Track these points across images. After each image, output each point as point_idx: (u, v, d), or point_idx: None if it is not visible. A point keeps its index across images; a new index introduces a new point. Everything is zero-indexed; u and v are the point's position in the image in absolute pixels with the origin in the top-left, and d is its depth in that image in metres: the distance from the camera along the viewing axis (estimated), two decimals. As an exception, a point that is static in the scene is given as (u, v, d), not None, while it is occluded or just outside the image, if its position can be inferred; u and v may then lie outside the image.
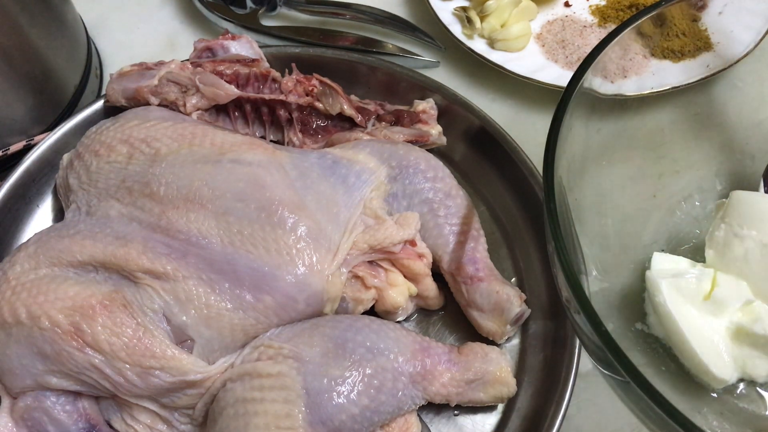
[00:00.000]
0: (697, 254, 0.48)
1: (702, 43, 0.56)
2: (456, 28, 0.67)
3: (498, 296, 0.50)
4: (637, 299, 0.47)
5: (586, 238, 0.44)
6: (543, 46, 0.68)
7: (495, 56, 0.65)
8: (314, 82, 0.58)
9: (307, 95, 0.57)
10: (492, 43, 0.67)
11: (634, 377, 0.32)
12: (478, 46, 0.66)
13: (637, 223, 0.50)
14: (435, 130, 0.58)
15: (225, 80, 0.56)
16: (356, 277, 0.50)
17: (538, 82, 0.63)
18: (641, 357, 0.45)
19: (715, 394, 0.44)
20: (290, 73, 0.59)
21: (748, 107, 0.52)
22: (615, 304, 0.47)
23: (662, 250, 0.49)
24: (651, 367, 0.45)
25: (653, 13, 0.45)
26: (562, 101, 0.40)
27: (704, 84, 0.53)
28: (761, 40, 0.53)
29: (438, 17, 0.68)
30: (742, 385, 0.44)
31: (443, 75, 0.68)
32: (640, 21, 0.44)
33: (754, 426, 0.43)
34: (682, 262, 0.47)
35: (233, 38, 0.60)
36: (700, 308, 0.44)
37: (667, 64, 0.55)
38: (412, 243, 0.51)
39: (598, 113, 0.46)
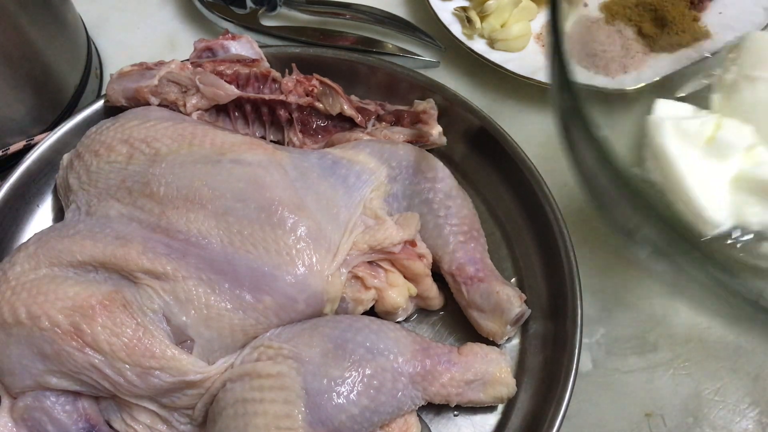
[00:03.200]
0: (702, 103, 0.47)
1: (701, 36, 0.56)
2: (456, 28, 0.67)
3: (498, 297, 0.50)
4: (637, 145, 0.45)
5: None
6: (543, 46, 0.68)
7: (495, 56, 0.65)
8: (314, 82, 0.58)
9: (307, 95, 0.57)
10: (492, 43, 0.67)
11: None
12: (478, 46, 0.66)
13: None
14: (435, 131, 0.57)
15: (225, 80, 0.56)
16: (356, 277, 0.50)
17: (539, 82, 0.63)
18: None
19: (709, 242, 0.42)
20: (290, 73, 0.59)
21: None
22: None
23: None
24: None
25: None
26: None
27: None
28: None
29: (438, 17, 0.68)
30: (735, 233, 0.43)
31: (443, 75, 0.68)
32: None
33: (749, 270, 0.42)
34: (686, 108, 0.45)
35: (233, 38, 0.60)
36: (702, 151, 0.43)
37: (665, 57, 0.54)
38: (412, 243, 0.51)
39: None
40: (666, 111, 0.45)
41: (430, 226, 0.52)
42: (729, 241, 0.42)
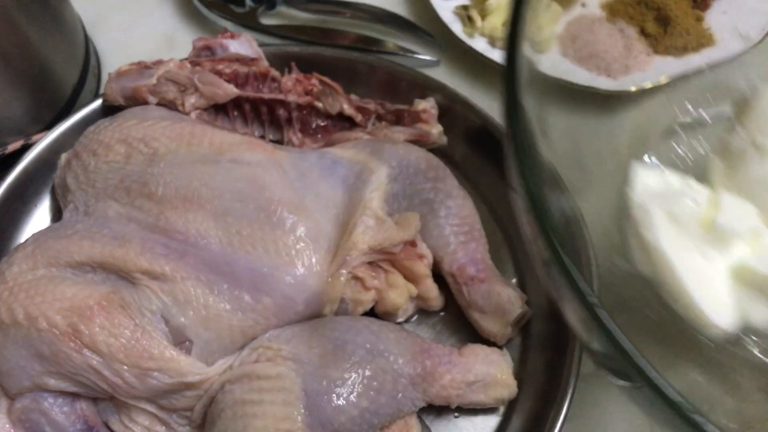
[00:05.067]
0: (684, 163, 0.40)
1: (706, 40, 0.56)
2: (457, 27, 0.67)
3: (499, 298, 0.49)
4: (617, 227, 0.39)
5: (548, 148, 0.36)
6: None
7: (496, 55, 0.65)
8: (314, 81, 0.57)
9: (306, 95, 0.57)
10: (493, 42, 0.66)
11: (615, 345, 0.25)
12: (479, 44, 0.66)
13: (607, 124, 0.42)
14: (435, 130, 0.57)
15: (224, 79, 0.56)
16: (356, 278, 0.49)
17: (540, 81, 0.63)
18: (620, 303, 0.37)
19: (713, 345, 0.36)
20: (290, 72, 0.58)
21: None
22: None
23: (644, 159, 0.41)
24: (634, 314, 0.37)
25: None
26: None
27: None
28: (765, 36, 0.53)
29: (439, 16, 0.67)
30: (744, 335, 0.36)
31: (444, 74, 0.68)
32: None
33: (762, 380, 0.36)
34: (670, 177, 0.38)
35: (232, 37, 0.60)
36: (697, 239, 0.36)
37: (671, 60, 0.54)
38: (413, 244, 0.51)
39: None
40: (646, 179, 0.38)
41: (430, 226, 0.52)
42: (733, 347, 0.36)
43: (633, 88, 0.46)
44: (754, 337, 0.35)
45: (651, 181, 0.38)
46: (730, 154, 0.37)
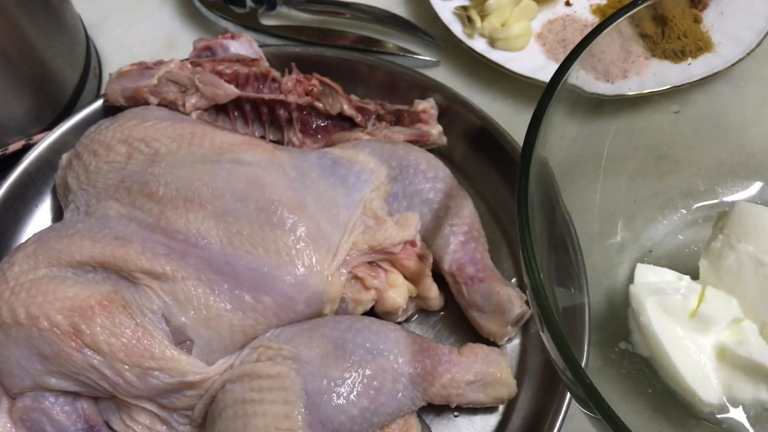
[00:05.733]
0: (682, 264, 0.47)
1: (704, 44, 0.56)
2: (456, 28, 0.67)
3: (499, 297, 0.50)
4: (622, 315, 0.45)
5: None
6: (544, 45, 0.68)
7: (495, 55, 0.65)
8: (314, 81, 0.58)
9: (306, 95, 0.57)
10: (492, 43, 0.67)
11: (598, 405, 0.30)
12: (479, 45, 0.66)
13: (618, 229, 0.49)
14: (435, 130, 0.57)
15: (224, 80, 0.56)
16: (356, 277, 0.50)
17: (539, 81, 0.63)
18: (624, 379, 0.44)
19: (703, 417, 0.42)
20: (290, 72, 0.58)
21: (750, 107, 0.52)
22: (597, 321, 0.46)
23: (645, 260, 0.48)
24: (635, 388, 0.43)
25: (649, 2, 0.43)
26: (546, 92, 0.38)
27: (705, 84, 0.52)
28: (762, 39, 0.53)
29: (438, 16, 0.68)
30: (731, 408, 0.43)
31: (443, 74, 0.68)
32: (634, 10, 0.42)
33: None
34: (667, 275, 0.45)
35: (233, 37, 0.60)
36: (686, 326, 0.42)
37: (668, 65, 0.54)
38: (412, 243, 0.51)
39: (592, 112, 0.45)
40: (647, 277, 0.45)
41: (430, 226, 0.52)
42: (724, 418, 0.42)
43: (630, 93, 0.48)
44: (738, 409, 0.42)
45: (651, 278, 0.45)
46: (714, 255, 0.44)
